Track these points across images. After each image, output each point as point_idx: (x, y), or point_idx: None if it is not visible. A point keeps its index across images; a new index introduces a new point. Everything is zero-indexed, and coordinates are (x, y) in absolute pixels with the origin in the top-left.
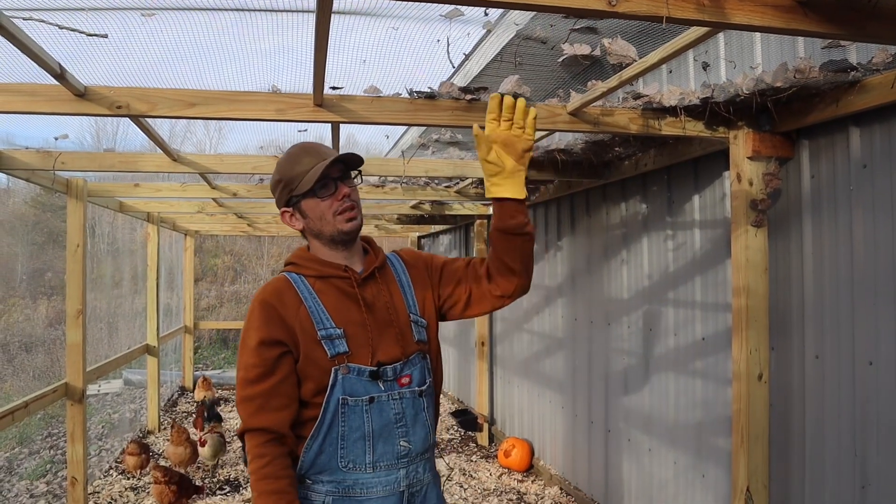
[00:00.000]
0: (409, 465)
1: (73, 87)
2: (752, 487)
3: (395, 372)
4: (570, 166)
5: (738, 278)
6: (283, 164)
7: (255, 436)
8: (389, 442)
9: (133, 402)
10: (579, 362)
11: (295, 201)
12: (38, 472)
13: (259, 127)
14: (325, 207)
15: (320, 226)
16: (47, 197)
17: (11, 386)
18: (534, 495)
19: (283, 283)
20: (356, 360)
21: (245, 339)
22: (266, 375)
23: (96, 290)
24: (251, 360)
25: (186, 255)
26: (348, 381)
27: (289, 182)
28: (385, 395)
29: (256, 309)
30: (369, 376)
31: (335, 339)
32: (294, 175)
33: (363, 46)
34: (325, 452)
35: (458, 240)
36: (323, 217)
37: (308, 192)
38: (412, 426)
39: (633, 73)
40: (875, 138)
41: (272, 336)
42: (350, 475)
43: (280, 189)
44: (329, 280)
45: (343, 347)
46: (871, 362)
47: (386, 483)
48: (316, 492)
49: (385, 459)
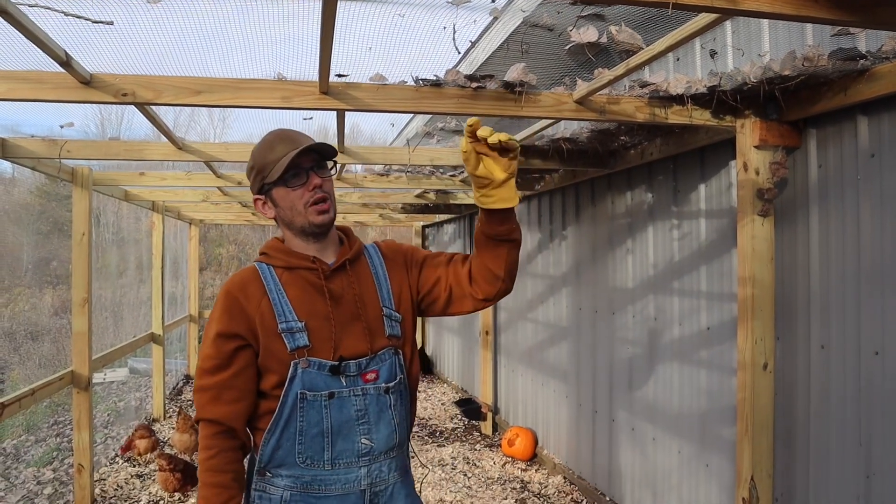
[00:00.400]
0: (371, 463)
1: (79, 75)
2: (756, 477)
3: (360, 367)
4: (576, 155)
5: (744, 268)
6: (257, 150)
7: (206, 426)
8: (349, 439)
9: (138, 390)
10: (583, 352)
11: (267, 189)
12: (44, 460)
13: (264, 116)
14: (295, 197)
15: (291, 216)
16: (53, 186)
17: (18, 374)
18: (537, 484)
19: (250, 274)
20: (317, 353)
21: (207, 330)
22: (221, 368)
23: (102, 280)
24: (208, 350)
25: (191, 244)
26: (308, 376)
27: (261, 169)
28: (346, 391)
29: (220, 300)
30: (330, 371)
31: (296, 332)
32: (267, 162)
33: (369, 34)
34: (283, 447)
35: (463, 229)
36: (293, 207)
37: (279, 180)
38: (375, 424)
39: (640, 60)
40: (884, 127)
41: (230, 329)
42: (308, 471)
43: (253, 176)
44: (296, 271)
45: (303, 341)
46: (876, 352)
47: (345, 481)
48: (275, 485)
49: (344, 457)
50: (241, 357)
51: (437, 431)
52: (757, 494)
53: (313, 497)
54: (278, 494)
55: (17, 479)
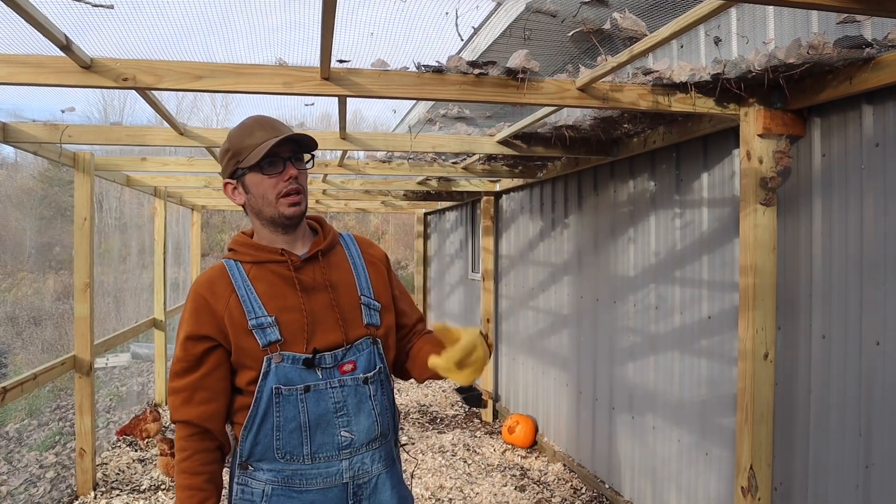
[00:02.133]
0: (353, 456)
1: (80, 59)
2: (756, 466)
3: (336, 358)
4: (578, 143)
5: (746, 257)
6: (234, 133)
7: (181, 428)
8: (328, 432)
9: (140, 375)
10: (584, 340)
11: (240, 174)
12: (47, 444)
13: (266, 102)
14: (268, 186)
15: (261, 205)
16: (55, 171)
17: (21, 359)
18: (537, 471)
19: (218, 272)
20: (290, 347)
21: (178, 332)
22: (190, 370)
23: (104, 265)
24: (179, 353)
25: (193, 230)
26: (282, 370)
27: (237, 153)
28: (323, 384)
29: (189, 301)
30: (304, 364)
31: (266, 327)
32: (243, 146)
33: (372, 22)
34: (261, 443)
35: (465, 216)
36: (265, 196)
37: (254, 165)
38: (355, 415)
39: (644, 47)
40: (889, 117)
41: (198, 331)
42: (288, 466)
43: (227, 159)
44: (265, 265)
45: (275, 336)
46: (878, 342)
47: (326, 475)
48: (257, 479)
49: (324, 450)
50: (211, 358)
51: (438, 418)
52: (756, 483)
53: (294, 491)
54: (260, 488)
55: (19, 462)
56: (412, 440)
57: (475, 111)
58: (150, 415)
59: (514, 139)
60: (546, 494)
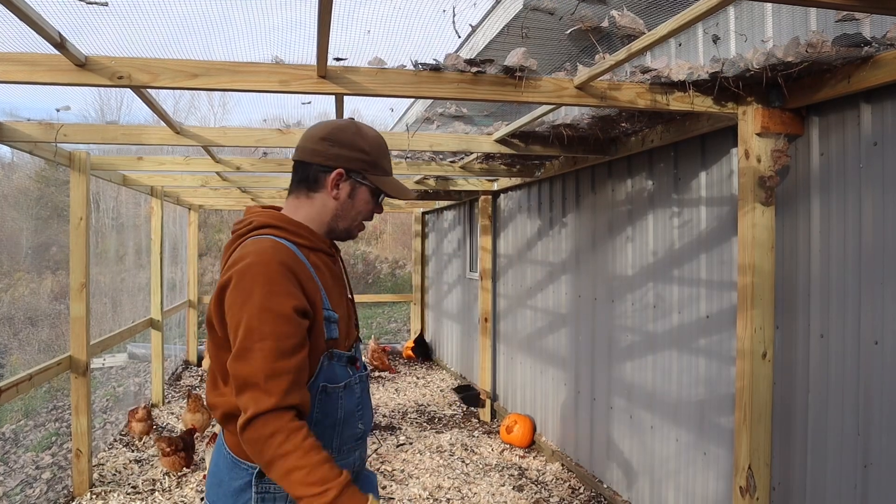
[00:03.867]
0: (361, 445)
1: (74, 57)
2: (754, 465)
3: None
4: (576, 142)
5: (745, 256)
6: (373, 142)
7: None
8: (351, 425)
9: (137, 375)
10: (582, 339)
11: (358, 179)
12: (43, 444)
13: (263, 102)
14: (367, 210)
15: (349, 214)
16: (52, 171)
17: (18, 359)
18: (535, 471)
19: (288, 249)
20: (339, 345)
21: (269, 305)
22: (301, 346)
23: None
24: (284, 328)
25: (190, 230)
26: (331, 368)
27: (373, 163)
28: (353, 380)
29: (278, 272)
30: (347, 362)
31: (332, 321)
32: (380, 164)
33: (369, 20)
34: None
35: (463, 215)
36: (358, 214)
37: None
38: (366, 408)
39: (642, 45)
40: (887, 115)
41: (303, 305)
42: None
43: (359, 156)
44: (320, 254)
45: (335, 332)
46: (876, 342)
47: (345, 464)
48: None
49: (348, 443)
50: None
51: (436, 418)
52: (754, 483)
53: None
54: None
55: (15, 463)
56: (410, 440)
57: (473, 110)
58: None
59: (512, 138)
60: (544, 494)
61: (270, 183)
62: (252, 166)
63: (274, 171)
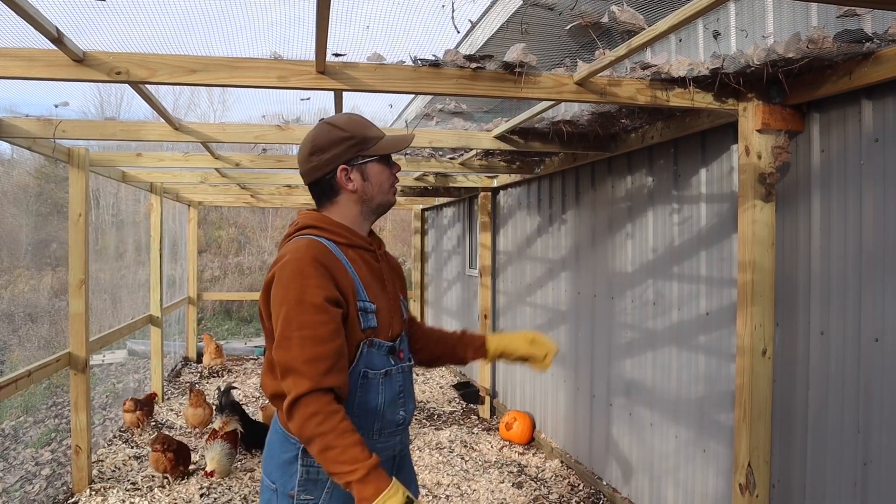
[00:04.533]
0: (403, 431)
1: (72, 53)
2: (754, 462)
3: (398, 347)
4: (576, 138)
5: (745, 253)
6: (350, 123)
7: (319, 397)
8: (393, 411)
9: (137, 372)
10: (582, 336)
11: (361, 162)
12: (42, 441)
13: (262, 98)
14: (387, 176)
15: (374, 192)
16: (52, 168)
17: (18, 355)
18: (534, 468)
19: (324, 247)
20: (379, 334)
21: (304, 297)
22: (337, 333)
23: (101, 261)
24: (319, 317)
25: (190, 227)
26: (371, 356)
27: (361, 141)
28: (394, 369)
29: (311, 267)
30: (387, 351)
31: (369, 312)
32: (368, 136)
33: (369, 16)
34: None
35: (462, 212)
36: (382, 185)
37: (381, 157)
38: (408, 397)
39: (642, 41)
40: (888, 112)
41: (335, 295)
42: None
43: (346, 145)
44: (358, 250)
45: (374, 322)
46: (876, 339)
47: (385, 448)
48: None
49: (388, 427)
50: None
51: (435, 414)
52: (754, 480)
53: None
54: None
55: (15, 459)
56: (409, 437)
57: (472, 105)
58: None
59: (512, 134)
60: (543, 491)
61: (270, 179)
62: (251, 163)
63: (273, 167)
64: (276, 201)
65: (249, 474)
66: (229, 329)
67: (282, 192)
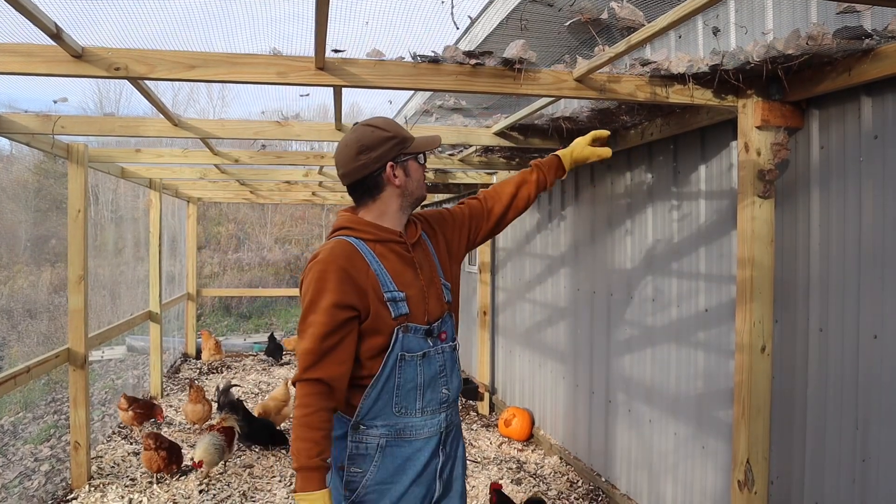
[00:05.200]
0: (448, 409)
1: (70, 48)
2: (753, 459)
3: (438, 329)
4: (575, 134)
5: (744, 250)
6: (389, 124)
7: (307, 385)
8: (435, 390)
9: (136, 368)
10: (581, 332)
11: (404, 159)
12: (41, 437)
13: (262, 95)
14: (421, 173)
15: (414, 187)
16: (51, 164)
17: (17, 351)
18: (534, 464)
19: (350, 248)
20: (414, 319)
21: (316, 300)
22: (333, 333)
23: (100, 258)
24: (322, 318)
25: (189, 223)
26: (407, 340)
27: (402, 140)
28: (433, 350)
29: (330, 272)
30: (424, 334)
31: (398, 301)
32: (406, 136)
33: (369, 12)
34: (381, 400)
35: None
36: (418, 181)
37: (417, 155)
38: (451, 376)
39: (641, 38)
40: (888, 108)
41: (345, 300)
42: (402, 419)
43: (391, 144)
44: (387, 244)
45: (405, 309)
46: (875, 336)
47: (431, 425)
48: (371, 435)
49: (431, 405)
50: (350, 325)
51: None
52: (753, 477)
53: (405, 441)
54: (374, 442)
55: (14, 455)
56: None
57: (472, 102)
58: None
59: (511, 131)
60: (542, 487)
61: (269, 175)
62: (250, 159)
63: (272, 163)
64: (275, 197)
65: (248, 470)
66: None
67: (281, 188)
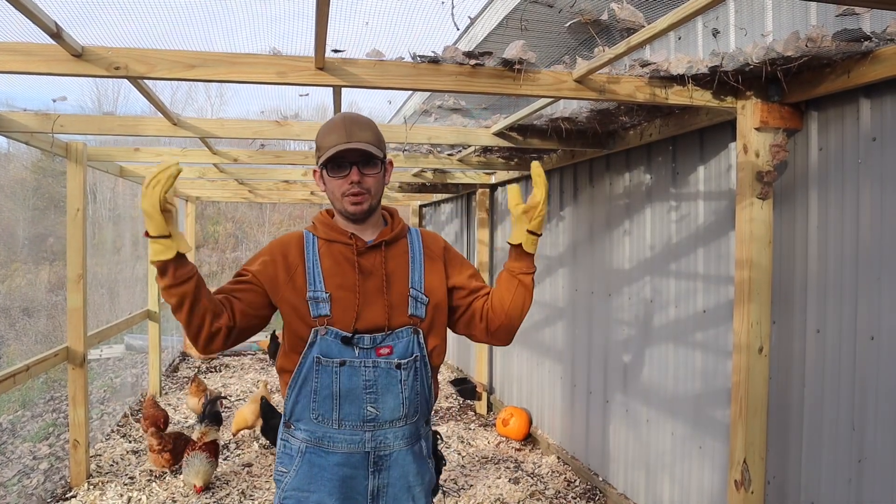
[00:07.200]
0: (376, 430)
1: (70, 47)
2: (749, 459)
3: (374, 341)
4: (575, 135)
5: (742, 251)
6: (321, 129)
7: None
8: (355, 405)
9: (135, 366)
10: (579, 332)
11: (321, 167)
12: (40, 435)
13: (260, 94)
14: (335, 185)
15: (331, 198)
16: (49, 162)
17: (15, 350)
18: (531, 464)
19: (297, 238)
20: (336, 323)
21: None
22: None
23: (98, 256)
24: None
25: (187, 222)
26: (325, 343)
27: (318, 148)
28: (358, 362)
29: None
30: (342, 341)
31: (320, 301)
32: (321, 145)
33: (369, 12)
34: (300, 403)
35: (460, 209)
36: (333, 192)
37: (327, 165)
38: (382, 395)
39: (641, 39)
40: (886, 111)
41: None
42: (320, 427)
43: (316, 153)
44: (333, 244)
45: (325, 311)
46: (872, 337)
47: (350, 441)
48: (295, 437)
49: (350, 420)
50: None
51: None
52: (749, 477)
53: (323, 451)
54: (297, 445)
55: (12, 454)
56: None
57: (471, 102)
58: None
59: (510, 131)
60: (540, 487)
61: (268, 175)
62: (249, 158)
63: (271, 163)
64: (273, 197)
65: (247, 469)
66: None
67: (279, 187)
